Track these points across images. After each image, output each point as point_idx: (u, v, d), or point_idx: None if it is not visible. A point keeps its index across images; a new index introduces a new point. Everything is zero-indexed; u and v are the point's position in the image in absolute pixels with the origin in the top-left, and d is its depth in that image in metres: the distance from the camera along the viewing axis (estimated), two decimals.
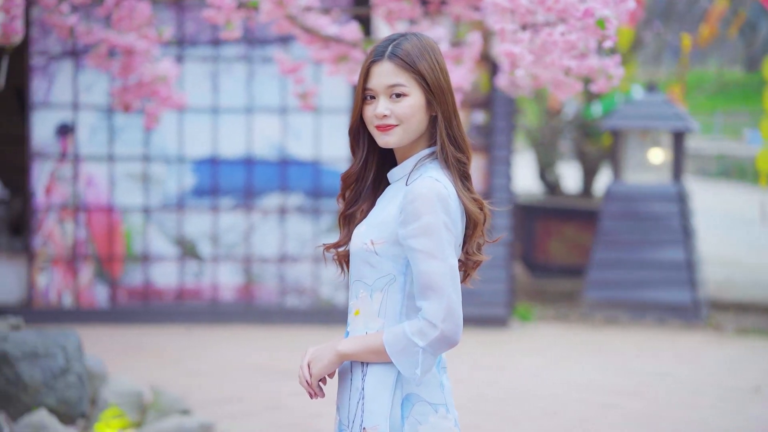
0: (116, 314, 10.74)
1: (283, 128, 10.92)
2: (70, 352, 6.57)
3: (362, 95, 2.95)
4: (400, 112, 2.90)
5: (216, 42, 10.64)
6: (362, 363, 2.92)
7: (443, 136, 2.93)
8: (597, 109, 15.28)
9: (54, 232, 10.68)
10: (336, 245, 3.08)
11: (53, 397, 6.39)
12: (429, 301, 2.81)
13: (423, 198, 2.82)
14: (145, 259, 10.82)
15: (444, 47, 5.98)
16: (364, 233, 2.94)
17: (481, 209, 2.97)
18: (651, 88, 12.68)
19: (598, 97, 15.03)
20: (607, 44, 4.50)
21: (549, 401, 8.03)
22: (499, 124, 11.15)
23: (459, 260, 2.98)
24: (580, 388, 8.48)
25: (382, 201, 3.00)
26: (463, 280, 3.06)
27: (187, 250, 10.88)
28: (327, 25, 6.13)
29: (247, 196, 10.92)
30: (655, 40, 16.00)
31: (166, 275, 10.85)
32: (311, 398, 3.00)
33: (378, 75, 2.91)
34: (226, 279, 10.91)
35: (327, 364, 2.92)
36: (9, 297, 10.71)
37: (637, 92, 13.19)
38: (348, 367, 2.96)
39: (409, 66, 2.89)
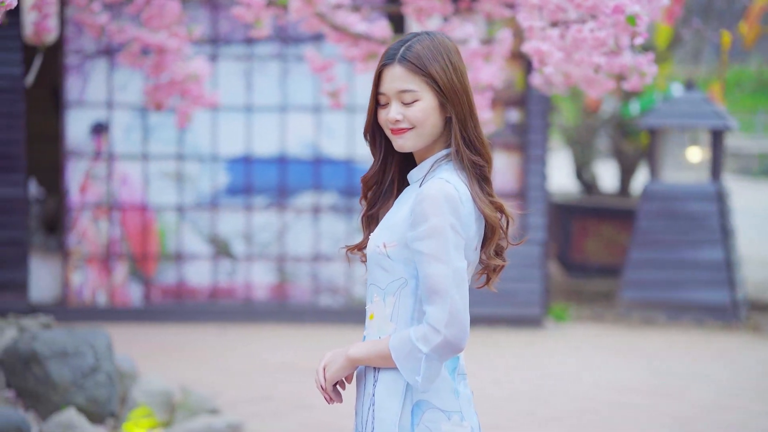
0: (150, 313, 10.75)
1: (316, 127, 10.89)
2: (99, 351, 6.56)
3: (375, 99, 2.91)
4: (412, 117, 2.85)
5: (250, 40, 10.62)
6: (374, 369, 2.86)
7: (458, 138, 2.86)
8: (635, 107, 15.12)
9: (88, 231, 10.71)
10: (358, 247, 3.03)
11: (82, 396, 6.38)
12: (433, 306, 2.74)
13: (431, 200, 2.76)
14: (179, 257, 10.82)
15: (474, 45, 5.92)
16: (377, 236, 2.88)
17: (502, 212, 2.90)
18: (690, 85, 12.53)
19: (636, 95, 14.88)
20: (638, 41, 4.42)
21: (582, 402, 7.94)
22: (533, 123, 11.05)
23: (480, 262, 2.92)
24: (615, 389, 8.38)
25: (398, 202, 2.95)
26: (485, 284, 3.00)
27: (221, 249, 10.87)
28: (356, 23, 6.09)
29: (281, 195, 10.90)
30: (694, 37, 15.82)
31: (199, 274, 10.85)
32: (327, 403, 2.95)
33: (390, 79, 2.86)
34: (260, 278, 10.90)
35: (339, 368, 2.87)
36: (44, 295, 10.75)
37: (677, 90, 13.03)
38: (363, 372, 2.90)
39: (420, 69, 2.83)
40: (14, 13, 9.51)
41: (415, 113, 2.84)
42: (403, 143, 2.88)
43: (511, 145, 11.17)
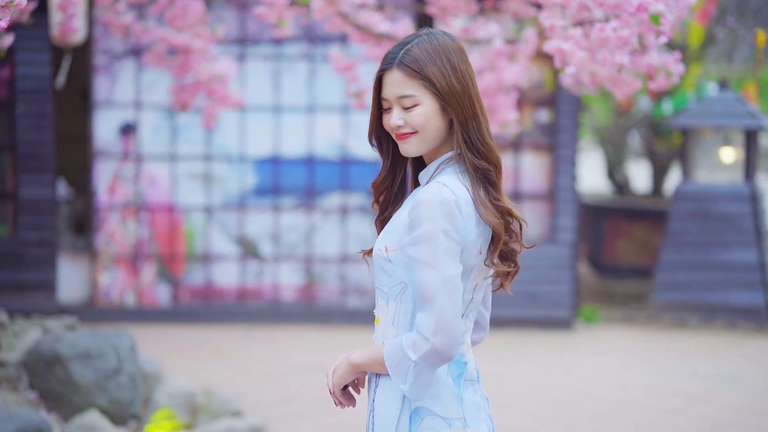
0: (178, 314, 10.73)
1: (344, 127, 10.84)
2: (122, 352, 6.53)
3: (377, 105, 2.86)
4: (413, 122, 2.79)
5: (278, 40, 10.58)
6: (376, 374, 2.82)
7: (460, 142, 2.79)
8: (668, 106, 14.96)
9: (116, 232, 10.71)
10: (370, 251, 2.97)
11: (105, 398, 6.36)
12: (423, 313, 2.68)
13: (425, 204, 2.70)
14: (207, 258, 10.80)
15: (498, 44, 5.84)
16: (380, 239, 2.83)
17: (511, 216, 2.83)
18: (723, 85, 12.37)
19: (669, 94, 14.72)
20: (662, 40, 4.33)
21: (612, 406, 7.84)
22: (563, 123, 10.95)
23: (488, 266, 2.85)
24: (645, 392, 8.27)
25: (402, 206, 2.90)
26: (499, 287, 2.93)
27: (249, 250, 10.84)
28: (379, 23, 6.02)
29: (309, 196, 10.86)
30: (728, 36, 15.64)
31: (227, 275, 10.83)
32: (336, 406, 2.91)
33: (390, 84, 2.80)
34: (287, 279, 10.86)
35: (342, 373, 2.84)
36: (72, 296, 10.76)
37: (710, 90, 12.88)
38: (370, 377, 2.87)
39: (418, 73, 2.76)
40: (42, 14, 9.52)
41: (415, 118, 2.78)
42: (407, 148, 2.82)
43: (540, 146, 11.07)
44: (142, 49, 10.43)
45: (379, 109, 2.87)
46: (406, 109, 2.79)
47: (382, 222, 2.96)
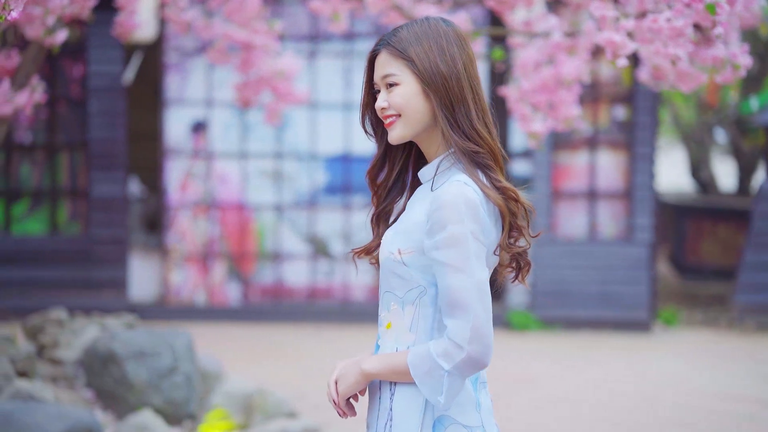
0: (248, 312, 10.69)
1: None
2: (178, 351, 6.47)
3: (369, 90, 2.75)
4: (393, 102, 2.67)
5: (349, 36, 10.47)
6: (390, 383, 2.68)
7: (443, 124, 2.66)
8: (754, 103, 14.54)
9: (187, 230, 10.70)
10: (366, 251, 2.82)
11: (159, 397, 6.30)
12: (455, 320, 2.55)
13: (449, 206, 2.56)
14: (277, 257, 10.74)
15: (556, 37, 5.65)
16: (390, 241, 2.68)
17: (517, 201, 2.67)
18: None
19: (757, 90, 14.30)
20: (718, 31, 4.10)
21: (683, 411, 7.58)
22: (641, 120, 10.67)
23: (500, 264, 2.70)
24: (720, 397, 7.99)
25: (410, 204, 2.75)
26: (516, 278, 2.78)
27: (319, 249, 10.75)
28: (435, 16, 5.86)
29: None
30: None
31: (297, 274, 10.76)
32: (340, 417, 2.76)
33: (377, 66, 2.70)
34: (358, 279, 10.75)
35: (353, 383, 2.69)
36: (144, 294, 10.78)
37: None
38: (377, 385, 2.72)
39: (400, 52, 2.65)
40: (113, 12, 9.53)
41: (395, 98, 2.66)
42: (393, 134, 2.70)
43: (617, 143, 10.80)
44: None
45: (372, 95, 2.77)
46: (389, 88, 2.68)
47: (377, 218, 2.82)
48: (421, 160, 2.82)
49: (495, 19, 9.90)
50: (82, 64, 10.44)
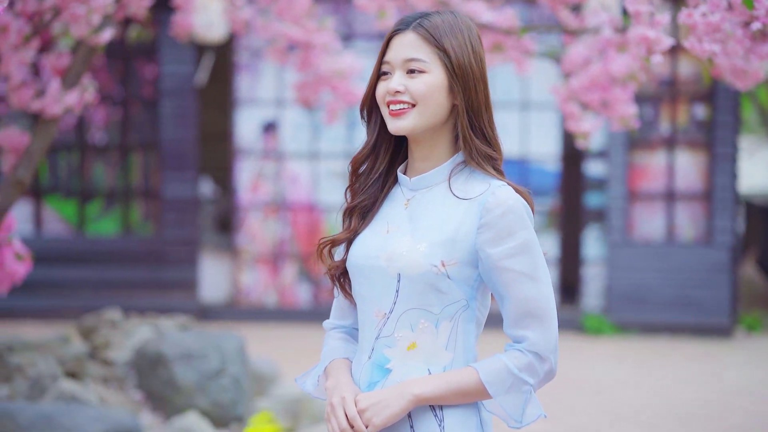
0: (318, 314, 10.60)
1: None
2: (227, 354, 6.41)
3: (378, 69, 2.52)
4: (414, 90, 2.45)
5: None
6: (432, 407, 2.46)
7: (465, 126, 2.46)
8: None
9: (258, 231, 10.68)
10: (333, 242, 2.64)
11: (206, 400, 6.26)
12: (534, 331, 2.42)
13: (514, 211, 2.42)
14: None
15: (607, 33, 5.45)
16: (426, 253, 2.45)
17: (527, 200, 2.51)
18: None
19: None
20: (755, 26, 3.87)
21: (756, 419, 7.27)
22: (721, 119, 10.34)
23: None
24: None
25: (423, 209, 2.54)
26: None
27: None
28: (483, 12, 5.71)
29: None
30: None
31: None
32: None
33: (398, 47, 2.48)
34: None
35: (399, 411, 2.43)
36: (215, 295, 10.78)
37: None
38: (418, 413, 2.49)
39: (434, 39, 2.45)
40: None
41: (418, 86, 2.45)
42: (400, 124, 2.48)
43: (696, 143, 10.50)
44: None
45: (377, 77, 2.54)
46: (411, 74, 2.47)
47: (350, 211, 2.64)
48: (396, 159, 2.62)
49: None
50: (155, 64, 10.49)
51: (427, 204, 2.53)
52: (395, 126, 2.49)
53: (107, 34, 5.79)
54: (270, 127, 10.66)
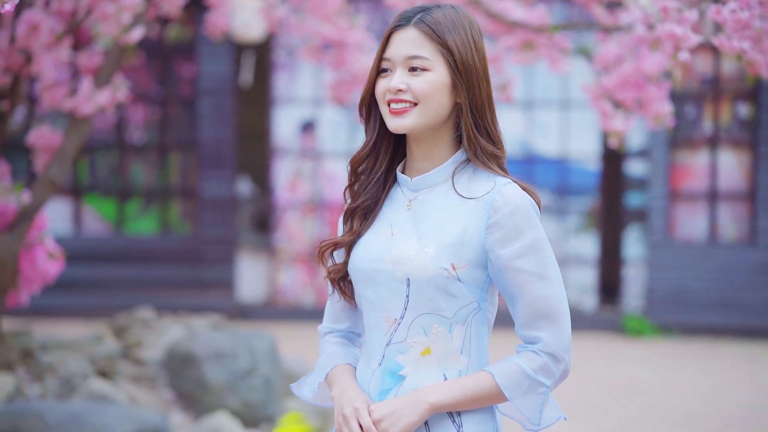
0: None
1: (528, 124, 10.42)
2: (258, 353, 6.38)
3: (378, 66, 2.43)
4: (417, 88, 2.37)
5: None
6: (450, 413, 2.41)
7: (469, 124, 2.39)
8: None
9: (296, 230, 10.66)
10: (335, 244, 2.54)
11: (236, 399, 6.23)
12: (547, 332, 2.37)
13: (522, 210, 2.36)
14: None
15: (639, 31, 5.36)
16: (435, 256, 2.38)
17: (532, 196, 2.44)
18: None
19: None
20: None
21: None
22: (765, 117, 10.20)
23: None
24: None
25: (428, 210, 2.47)
26: None
27: None
28: (513, 9, 5.64)
29: None
30: None
31: None
32: None
33: (399, 43, 2.40)
34: None
35: (416, 420, 2.37)
36: (252, 295, 10.78)
37: None
38: (433, 420, 2.44)
39: (437, 36, 2.38)
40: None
41: (421, 84, 2.37)
42: (402, 123, 2.40)
43: (739, 142, 10.34)
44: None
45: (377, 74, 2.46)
46: (413, 72, 2.39)
47: (351, 213, 2.54)
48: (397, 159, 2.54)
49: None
50: (193, 64, 10.51)
51: (430, 205, 2.45)
52: (395, 124, 2.42)
53: (137, 33, 5.77)
54: (308, 126, 10.63)
